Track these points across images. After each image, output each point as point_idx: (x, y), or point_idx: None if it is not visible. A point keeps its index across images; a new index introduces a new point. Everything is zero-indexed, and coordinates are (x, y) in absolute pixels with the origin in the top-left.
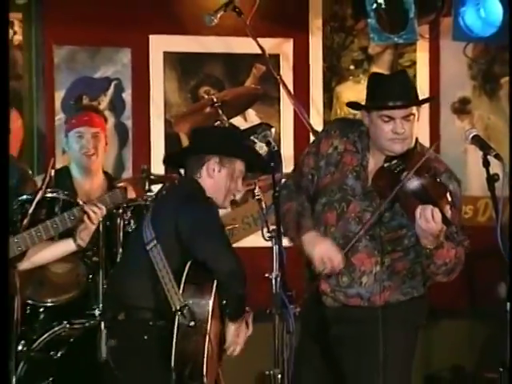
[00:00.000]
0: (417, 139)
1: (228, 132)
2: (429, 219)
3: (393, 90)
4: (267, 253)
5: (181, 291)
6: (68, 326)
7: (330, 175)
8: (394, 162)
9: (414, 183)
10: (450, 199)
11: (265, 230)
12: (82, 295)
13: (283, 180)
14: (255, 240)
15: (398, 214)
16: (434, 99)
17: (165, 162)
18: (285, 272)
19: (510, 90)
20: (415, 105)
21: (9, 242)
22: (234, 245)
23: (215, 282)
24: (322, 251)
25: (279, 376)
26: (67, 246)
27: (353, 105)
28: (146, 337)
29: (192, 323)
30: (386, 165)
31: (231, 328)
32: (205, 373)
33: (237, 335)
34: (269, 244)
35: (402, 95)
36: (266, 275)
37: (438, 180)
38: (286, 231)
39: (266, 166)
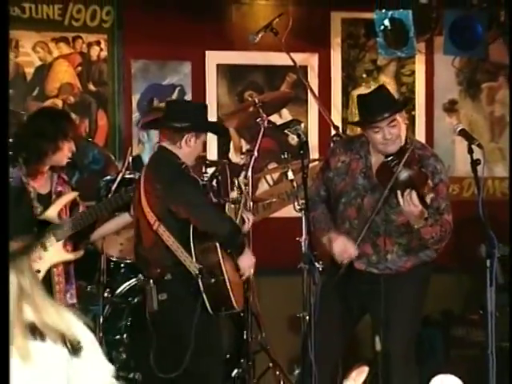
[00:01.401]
0: (406, 138)
1: (199, 110)
2: (409, 203)
3: (373, 108)
4: (297, 221)
5: (194, 259)
6: (142, 278)
7: (343, 181)
8: (390, 158)
9: (403, 174)
10: (430, 185)
11: (296, 203)
12: None
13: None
14: (288, 211)
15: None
16: (408, 104)
17: (143, 127)
18: (311, 236)
19: (510, 90)
20: (392, 115)
21: (9, 241)
22: (271, 215)
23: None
24: (339, 246)
25: (307, 317)
26: (125, 218)
27: (351, 123)
28: (191, 289)
29: (213, 280)
30: (384, 160)
31: (239, 259)
32: (235, 304)
33: (244, 263)
34: (299, 214)
35: (382, 109)
36: (297, 239)
37: (423, 170)
38: (315, 234)
39: (226, 133)
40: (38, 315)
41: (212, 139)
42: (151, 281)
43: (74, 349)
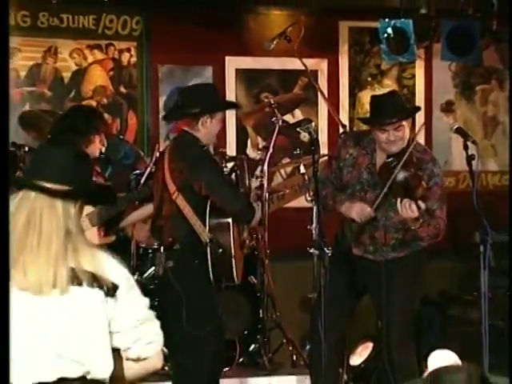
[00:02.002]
0: (409, 140)
1: (209, 91)
2: (407, 210)
3: (384, 112)
4: (309, 211)
5: (207, 228)
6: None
7: (350, 174)
8: (391, 159)
9: (400, 176)
10: (424, 186)
11: (307, 194)
12: None
13: (320, 159)
14: (300, 202)
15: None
16: (417, 111)
17: (165, 119)
18: (321, 224)
19: (510, 91)
20: (400, 121)
21: (9, 238)
22: (285, 206)
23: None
24: (357, 210)
25: (317, 297)
26: (149, 208)
27: (360, 120)
28: (196, 261)
29: (220, 250)
30: (386, 161)
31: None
32: (235, 277)
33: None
34: (310, 205)
35: (391, 114)
36: (308, 227)
37: (419, 173)
38: (328, 207)
39: (236, 107)
40: (76, 259)
41: (231, 136)
42: (162, 248)
43: (110, 290)
